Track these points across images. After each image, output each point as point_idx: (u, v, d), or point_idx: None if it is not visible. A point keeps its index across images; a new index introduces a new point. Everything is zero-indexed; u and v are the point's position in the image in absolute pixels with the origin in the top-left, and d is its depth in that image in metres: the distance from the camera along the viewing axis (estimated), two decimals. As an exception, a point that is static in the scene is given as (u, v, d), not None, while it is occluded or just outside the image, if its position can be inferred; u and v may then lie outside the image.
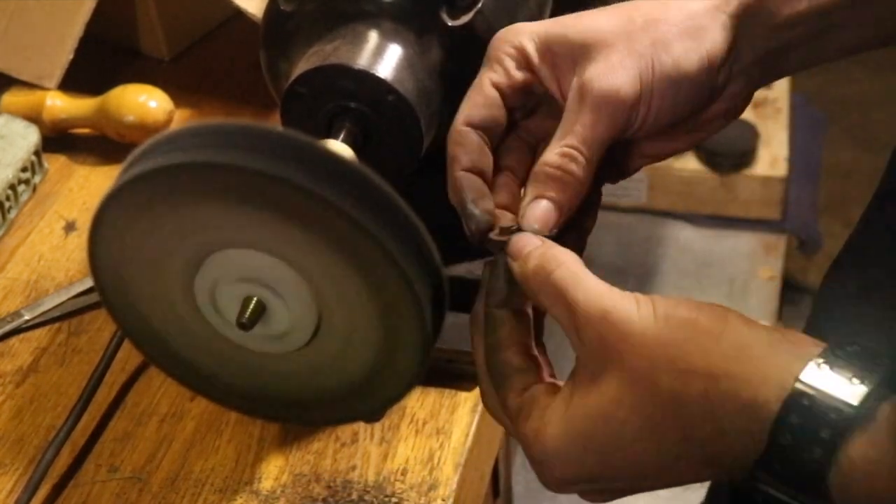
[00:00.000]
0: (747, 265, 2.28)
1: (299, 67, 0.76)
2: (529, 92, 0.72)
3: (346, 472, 0.81)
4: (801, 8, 0.71)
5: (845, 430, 0.57)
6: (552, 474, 0.64)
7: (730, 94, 0.72)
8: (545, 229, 0.67)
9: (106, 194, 0.63)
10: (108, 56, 1.17)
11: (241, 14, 1.08)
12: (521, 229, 0.67)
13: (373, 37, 0.77)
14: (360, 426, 0.83)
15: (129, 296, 0.68)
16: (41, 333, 0.91)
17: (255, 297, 0.65)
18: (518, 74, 0.71)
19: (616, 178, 0.74)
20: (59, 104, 1.07)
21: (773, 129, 2.20)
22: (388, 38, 0.77)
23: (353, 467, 0.81)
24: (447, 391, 0.85)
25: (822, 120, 2.39)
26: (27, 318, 0.92)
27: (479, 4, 0.78)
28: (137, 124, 1.05)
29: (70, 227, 1.00)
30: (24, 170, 1.01)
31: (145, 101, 1.05)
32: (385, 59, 0.76)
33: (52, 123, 1.07)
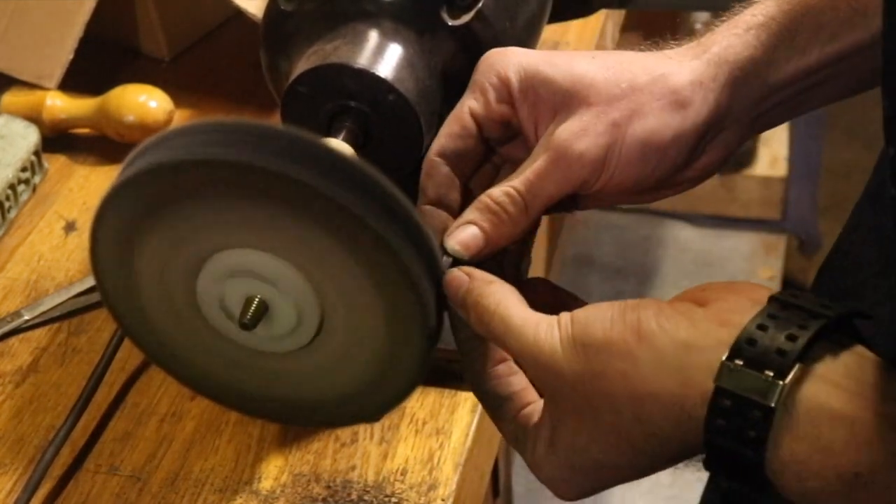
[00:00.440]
0: (747, 265, 2.28)
1: (299, 67, 0.76)
2: (507, 124, 0.71)
3: (345, 472, 0.81)
4: (787, 73, 0.70)
5: (769, 427, 0.56)
6: (560, 494, 0.65)
7: (701, 165, 0.72)
8: (466, 254, 0.67)
9: (107, 192, 0.63)
10: (108, 56, 1.17)
11: (241, 14, 1.08)
12: (444, 249, 0.67)
13: (373, 36, 0.77)
14: (360, 426, 0.83)
15: (131, 295, 0.68)
16: (41, 333, 0.91)
17: (258, 297, 0.65)
18: (497, 107, 0.70)
19: (570, 209, 0.74)
20: (59, 104, 1.07)
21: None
22: (388, 37, 0.77)
23: (353, 467, 0.81)
24: (447, 391, 0.85)
25: (822, 119, 2.39)
26: (27, 318, 0.92)
27: (480, 4, 0.78)
28: (137, 124, 1.05)
29: (70, 227, 1.00)
30: (24, 170, 1.01)
31: (145, 101, 1.05)
32: (385, 58, 0.76)
33: (52, 123, 1.07)
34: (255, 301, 0.65)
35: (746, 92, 0.71)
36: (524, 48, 0.72)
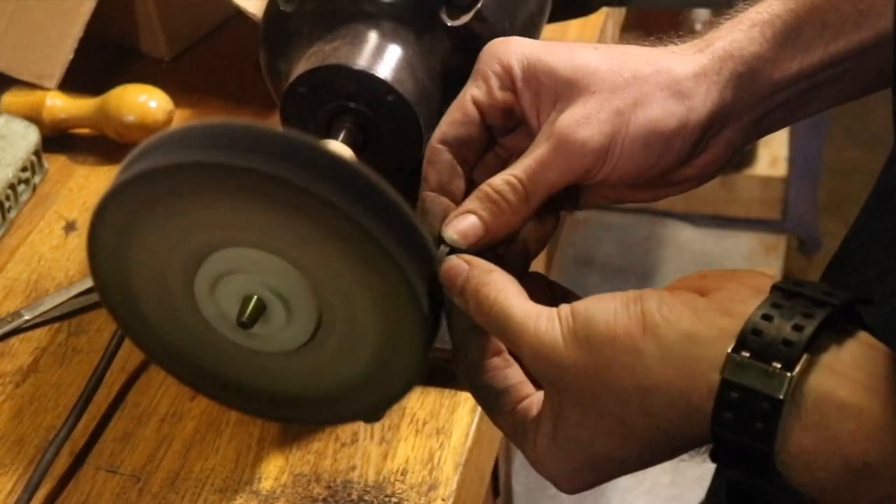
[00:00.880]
0: (747, 265, 2.28)
1: (299, 67, 0.77)
2: (510, 112, 0.71)
3: (346, 472, 0.81)
4: (791, 71, 0.70)
5: (777, 419, 0.56)
6: (563, 488, 0.65)
7: (703, 162, 0.72)
8: (464, 244, 0.66)
9: (105, 193, 0.63)
10: (108, 56, 1.18)
11: (241, 14, 1.08)
12: (441, 239, 0.66)
13: (372, 37, 0.77)
14: (360, 426, 0.83)
15: (129, 295, 0.68)
16: (41, 333, 0.91)
17: (256, 296, 0.65)
18: (500, 95, 0.70)
19: (571, 209, 0.74)
20: (59, 104, 1.07)
21: (772, 128, 2.20)
22: (387, 38, 0.77)
23: (353, 467, 0.81)
24: (447, 391, 0.85)
25: (823, 120, 2.39)
26: (27, 318, 0.92)
27: (479, 5, 0.78)
28: (137, 124, 1.05)
29: (70, 227, 1.00)
30: (24, 170, 1.01)
31: (145, 101, 1.05)
32: (385, 59, 0.76)
33: (52, 123, 1.07)
34: (253, 300, 0.65)
35: (750, 88, 0.70)
36: (526, 38, 0.72)
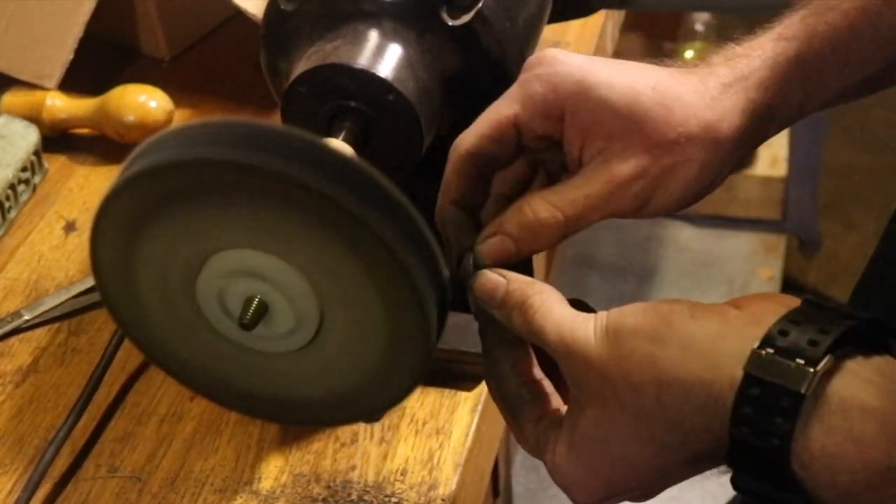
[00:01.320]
0: (747, 265, 2.28)
1: (299, 67, 0.76)
2: (549, 137, 0.69)
3: (345, 472, 0.81)
4: (810, 110, 0.71)
5: (797, 416, 0.56)
6: (576, 497, 0.65)
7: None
8: (490, 262, 0.67)
9: (107, 193, 0.63)
10: (108, 56, 1.17)
11: (241, 14, 1.08)
12: (472, 252, 0.68)
13: (373, 36, 0.77)
14: (360, 426, 0.83)
15: (130, 295, 0.68)
16: (41, 333, 0.91)
17: (258, 297, 0.65)
18: (542, 123, 0.68)
19: None
20: (59, 104, 1.07)
21: (772, 129, 2.20)
22: (388, 37, 0.77)
23: (353, 467, 0.81)
24: (447, 391, 0.85)
25: (822, 120, 2.39)
26: (27, 318, 0.92)
27: (480, 4, 0.78)
28: (137, 124, 1.05)
29: (70, 227, 1.00)
30: (24, 170, 1.01)
31: (145, 101, 1.05)
32: (385, 58, 0.76)
33: (52, 123, 1.07)
34: (255, 301, 0.65)
35: (769, 130, 0.71)
36: (576, 53, 0.70)
